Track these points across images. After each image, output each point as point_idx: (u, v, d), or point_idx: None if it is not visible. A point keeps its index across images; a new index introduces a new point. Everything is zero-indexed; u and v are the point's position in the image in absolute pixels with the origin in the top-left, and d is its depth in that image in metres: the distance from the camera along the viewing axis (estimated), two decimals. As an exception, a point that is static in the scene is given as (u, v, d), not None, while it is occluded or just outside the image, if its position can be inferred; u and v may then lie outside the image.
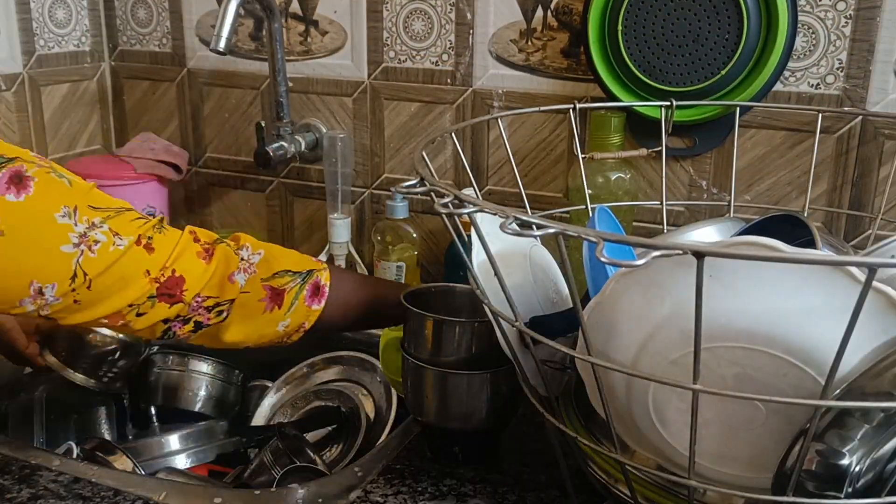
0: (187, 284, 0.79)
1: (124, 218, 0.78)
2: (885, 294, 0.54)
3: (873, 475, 0.52)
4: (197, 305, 0.81)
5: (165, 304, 0.79)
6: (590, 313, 0.63)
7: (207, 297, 0.81)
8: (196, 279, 0.80)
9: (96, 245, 0.74)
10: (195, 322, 0.82)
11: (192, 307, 0.80)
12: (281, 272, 0.87)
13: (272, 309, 0.86)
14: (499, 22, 1.17)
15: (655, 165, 1.12)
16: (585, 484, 0.75)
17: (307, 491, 0.81)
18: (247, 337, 0.87)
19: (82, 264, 0.74)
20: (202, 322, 0.82)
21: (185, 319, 0.81)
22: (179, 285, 0.79)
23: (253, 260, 0.85)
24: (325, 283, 0.89)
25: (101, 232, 0.75)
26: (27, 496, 0.80)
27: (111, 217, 0.77)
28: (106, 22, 1.45)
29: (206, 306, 0.81)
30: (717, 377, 0.58)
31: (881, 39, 0.99)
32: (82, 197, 0.76)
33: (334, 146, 1.27)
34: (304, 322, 0.89)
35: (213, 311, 0.82)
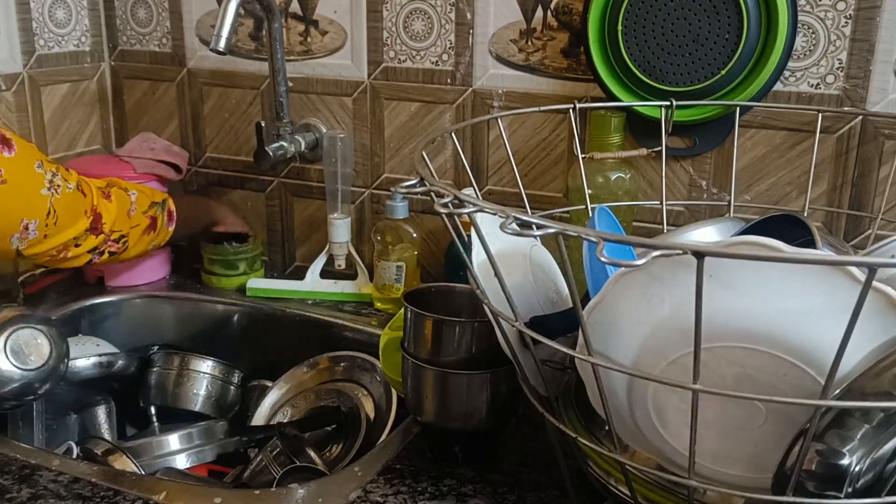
0: (104, 219, 1.06)
1: (62, 168, 1.01)
2: (885, 294, 0.54)
3: (873, 475, 0.52)
4: (107, 238, 1.07)
5: (93, 235, 1.05)
6: (590, 313, 0.63)
7: (114, 230, 1.08)
8: (109, 215, 1.07)
9: (59, 188, 0.99)
10: (108, 252, 1.09)
11: (107, 240, 1.07)
12: (151, 204, 1.15)
13: (149, 233, 1.15)
14: (499, 22, 1.17)
15: (655, 165, 1.12)
16: (585, 484, 0.75)
17: (307, 491, 0.81)
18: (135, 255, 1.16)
19: (54, 203, 0.98)
20: (114, 251, 1.10)
21: (101, 251, 1.08)
22: (100, 220, 1.05)
23: (133, 198, 1.12)
24: (173, 208, 1.20)
25: (59, 178, 0.99)
26: (27, 496, 0.80)
27: (59, 168, 1.01)
28: (106, 22, 1.45)
29: (113, 239, 1.08)
30: (717, 377, 0.58)
31: (881, 39, 0.99)
32: (40, 153, 1.00)
33: (334, 146, 1.27)
34: (163, 241, 1.20)
35: (120, 242, 1.10)
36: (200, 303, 1.31)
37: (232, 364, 1.21)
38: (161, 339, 1.26)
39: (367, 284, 1.29)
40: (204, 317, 1.31)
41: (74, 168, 1.35)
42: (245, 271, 1.33)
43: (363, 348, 1.15)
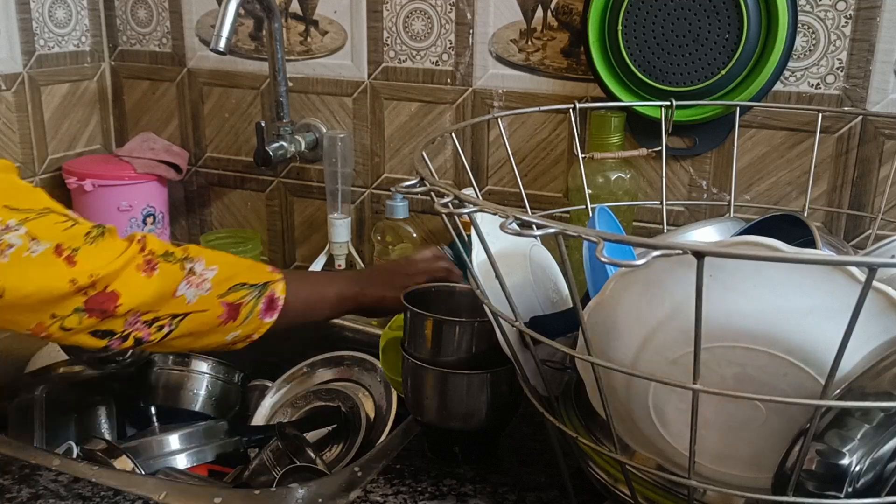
0: (122, 300, 0.74)
1: (47, 221, 0.72)
2: (885, 294, 0.54)
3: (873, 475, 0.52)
4: (134, 320, 0.76)
5: (96, 318, 0.74)
6: (590, 313, 0.63)
7: (146, 312, 0.77)
8: (133, 294, 0.75)
9: (10, 249, 0.68)
10: (135, 338, 0.78)
11: (128, 322, 0.76)
12: (237, 286, 0.84)
13: (227, 323, 0.84)
14: (499, 22, 1.17)
15: (655, 165, 1.12)
16: (585, 484, 0.75)
17: (307, 491, 0.81)
18: (193, 348, 0.86)
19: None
20: (142, 338, 0.78)
21: (124, 336, 0.77)
22: (113, 301, 0.74)
23: (207, 276, 0.81)
24: (280, 295, 0.87)
25: (17, 235, 0.69)
26: (27, 496, 0.80)
27: (31, 219, 0.70)
28: (106, 22, 1.45)
29: (144, 321, 0.77)
30: (717, 377, 0.58)
31: (881, 39, 0.99)
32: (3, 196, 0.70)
33: (334, 146, 1.27)
34: (252, 334, 0.87)
35: (154, 326, 0.78)
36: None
37: (232, 364, 1.21)
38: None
39: (367, 284, 1.29)
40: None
41: (75, 168, 1.36)
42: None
43: (363, 348, 1.15)
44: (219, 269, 0.83)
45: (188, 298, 0.79)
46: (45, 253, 0.70)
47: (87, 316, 0.74)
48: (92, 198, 1.33)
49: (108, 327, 0.76)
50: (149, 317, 0.77)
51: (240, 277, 0.84)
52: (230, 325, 0.84)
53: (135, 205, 1.35)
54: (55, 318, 0.73)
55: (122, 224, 1.34)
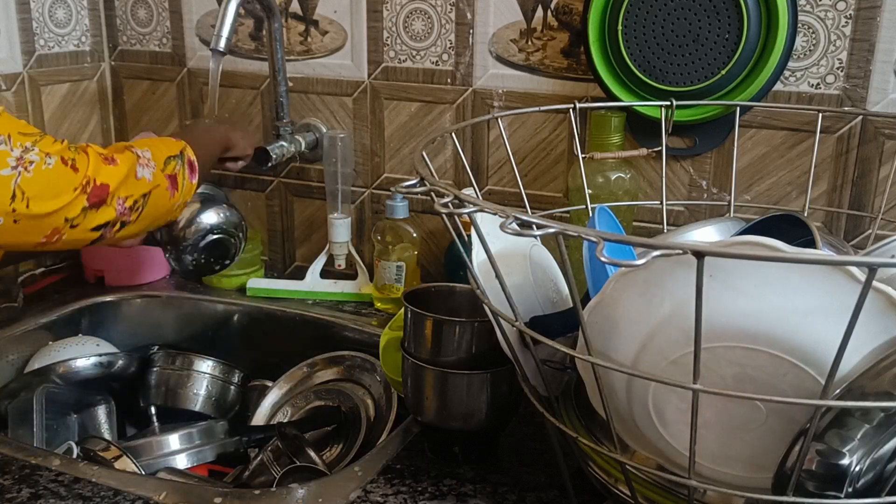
0: (111, 188, 0.90)
1: (47, 140, 0.86)
2: (885, 294, 0.54)
3: (873, 475, 0.52)
4: (122, 208, 0.92)
5: (95, 210, 0.89)
6: (590, 313, 0.63)
7: (127, 196, 0.92)
8: (115, 181, 0.91)
9: (31, 165, 0.83)
10: (121, 223, 0.93)
11: (118, 211, 0.91)
12: (168, 158, 0.99)
13: (173, 194, 0.99)
14: (499, 22, 1.17)
15: (655, 165, 1.12)
16: (585, 484, 0.75)
17: (307, 491, 0.81)
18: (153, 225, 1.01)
19: (21, 184, 0.83)
20: (126, 221, 0.94)
21: (114, 223, 0.92)
22: (105, 190, 0.90)
23: (147, 156, 0.96)
24: (193, 158, 1.04)
25: (34, 154, 0.84)
26: (27, 496, 0.80)
27: (38, 140, 0.85)
28: (106, 22, 1.45)
29: (127, 206, 0.93)
30: (717, 377, 0.58)
31: (881, 39, 0.99)
32: (12, 125, 0.84)
33: (334, 146, 1.27)
34: (187, 197, 1.03)
35: (134, 210, 0.94)
36: (200, 303, 1.31)
37: (232, 364, 1.21)
38: (161, 339, 1.26)
39: (367, 284, 1.29)
40: (204, 317, 1.31)
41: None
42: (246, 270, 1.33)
43: (363, 348, 1.15)
44: (150, 149, 0.98)
45: (147, 178, 0.95)
46: (57, 164, 0.86)
47: (89, 210, 0.89)
48: (92, 198, 1.33)
49: (105, 218, 0.91)
50: (129, 201, 0.93)
51: (165, 152, 1.00)
52: (175, 196, 1.00)
53: (135, 205, 1.35)
54: (68, 221, 0.88)
55: (122, 224, 1.34)
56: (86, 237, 0.91)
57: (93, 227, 0.90)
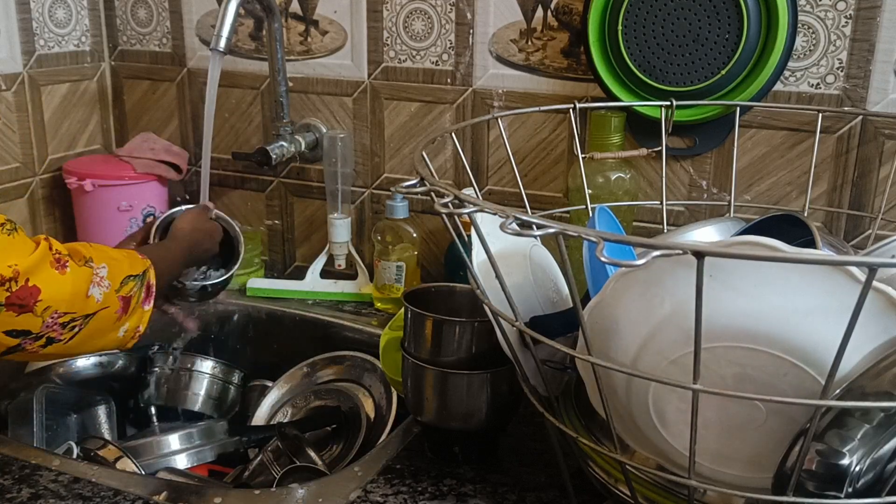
0: (42, 296, 0.75)
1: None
2: (885, 294, 0.54)
3: (873, 475, 0.52)
4: (52, 322, 0.77)
5: (13, 313, 0.74)
6: (590, 313, 0.63)
7: (65, 312, 0.78)
8: (53, 292, 0.76)
9: None
10: (47, 338, 0.78)
11: (46, 324, 0.77)
12: (126, 278, 0.86)
13: (120, 318, 0.85)
14: (499, 22, 1.17)
15: (655, 165, 1.12)
16: (585, 484, 0.75)
17: (307, 491, 0.81)
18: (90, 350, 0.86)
19: None
20: (54, 338, 0.79)
21: (38, 336, 0.77)
22: (34, 295, 0.75)
23: (102, 273, 0.83)
24: (153, 282, 0.90)
25: None
26: (27, 496, 0.80)
27: None
28: (106, 22, 1.45)
29: (60, 322, 0.78)
30: (717, 377, 0.58)
31: (881, 39, 0.99)
32: None
33: (334, 146, 1.27)
34: (138, 325, 0.88)
35: (67, 328, 0.79)
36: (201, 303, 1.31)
37: (232, 364, 1.21)
38: (161, 339, 1.26)
39: (367, 284, 1.29)
40: (204, 317, 1.31)
41: (75, 168, 1.36)
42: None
43: (363, 348, 1.15)
44: (107, 266, 0.84)
45: (96, 297, 0.81)
46: None
47: (4, 310, 0.73)
48: (92, 198, 1.33)
49: (25, 326, 0.75)
50: (66, 318, 0.78)
51: (125, 270, 0.86)
52: (122, 319, 0.86)
53: (135, 205, 1.35)
54: None
55: (122, 224, 1.34)
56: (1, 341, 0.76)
57: (7, 330, 0.74)
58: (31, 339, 0.77)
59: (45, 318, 0.76)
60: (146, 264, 0.90)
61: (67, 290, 0.77)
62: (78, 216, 1.37)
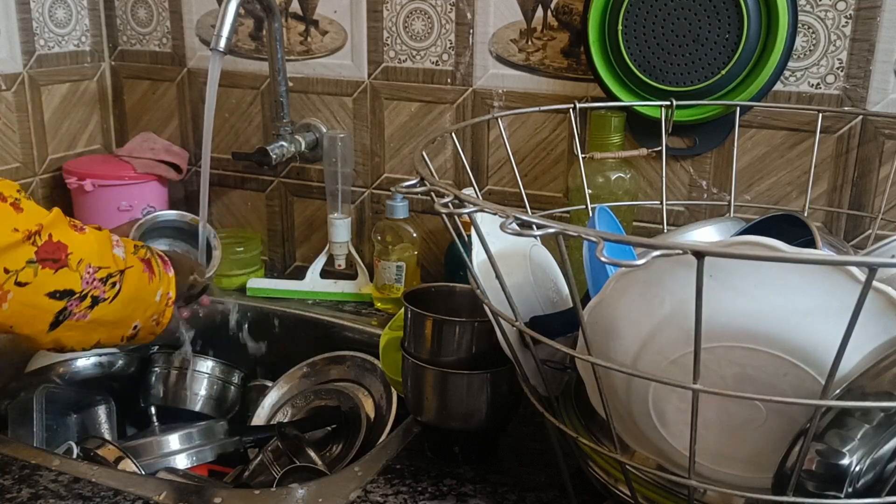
0: (71, 249, 0.74)
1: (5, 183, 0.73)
2: (885, 294, 0.54)
3: (873, 475, 0.52)
4: (91, 277, 0.75)
5: (50, 269, 0.73)
6: (590, 313, 0.63)
7: (99, 267, 0.76)
8: (78, 246, 0.75)
9: None
10: (92, 297, 0.76)
11: (85, 280, 0.75)
12: (135, 246, 0.86)
13: (151, 279, 0.85)
14: (499, 22, 1.17)
15: (655, 165, 1.12)
16: (585, 484, 0.75)
17: (307, 491, 0.81)
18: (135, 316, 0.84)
19: None
20: (98, 296, 0.77)
21: (82, 296, 0.75)
22: (62, 250, 0.73)
23: (115, 237, 0.83)
24: (161, 252, 0.91)
25: None
26: (27, 496, 0.80)
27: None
28: (106, 22, 1.45)
29: (99, 278, 0.76)
30: (717, 377, 0.58)
31: (881, 39, 0.99)
32: None
33: (334, 146, 1.27)
34: (168, 291, 0.88)
35: (108, 284, 0.77)
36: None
37: (232, 364, 1.21)
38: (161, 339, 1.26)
39: (367, 284, 1.29)
40: (204, 317, 1.31)
41: (75, 168, 1.36)
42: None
43: (363, 348, 1.15)
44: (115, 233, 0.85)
45: (121, 256, 0.81)
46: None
47: (40, 267, 0.72)
48: (92, 198, 1.33)
49: (66, 284, 0.74)
50: (102, 273, 0.77)
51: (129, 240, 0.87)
52: (154, 282, 0.85)
53: (135, 205, 1.35)
54: (9, 273, 0.71)
55: (122, 224, 1.34)
56: (43, 305, 0.74)
57: (50, 291, 0.73)
58: (77, 300, 0.75)
59: (81, 273, 0.75)
60: (141, 243, 0.90)
61: (93, 244, 0.77)
62: (78, 216, 1.37)
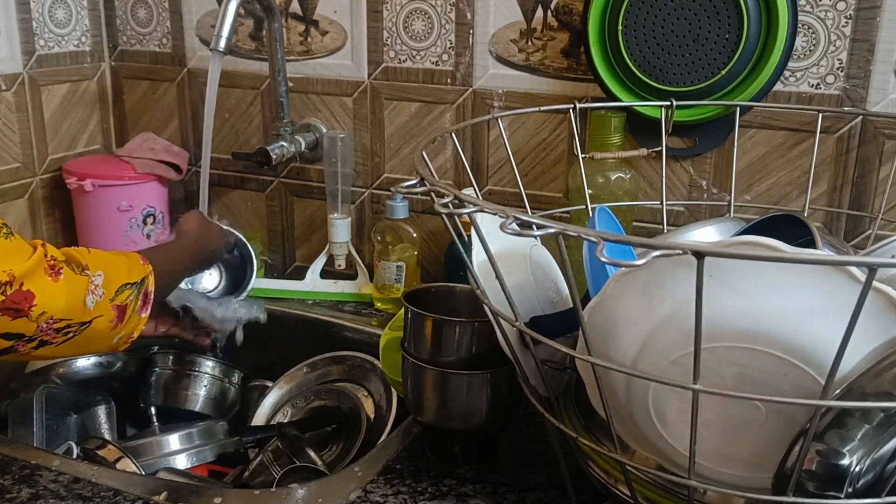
0: (37, 301, 0.74)
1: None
2: (885, 294, 0.54)
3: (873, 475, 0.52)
4: (47, 327, 0.76)
5: (8, 317, 0.73)
6: (590, 313, 0.63)
7: (60, 319, 0.77)
8: (47, 299, 0.75)
9: None
10: (40, 341, 0.78)
11: (41, 328, 0.76)
12: (122, 287, 0.85)
13: (116, 326, 0.84)
14: (499, 22, 1.17)
15: (655, 165, 1.12)
16: (585, 484, 0.75)
17: (307, 491, 0.81)
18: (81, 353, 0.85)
19: None
20: (47, 341, 0.78)
21: (31, 339, 0.77)
22: (28, 300, 0.74)
23: (97, 282, 0.82)
24: (152, 289, 0.88)
25: None
26: (27, 496, 0.80)
27: None
28: (106, 22, 1.45)
29: (55, 328, 0.77)
30: (717, 377, 0.58)
31: (881, 39, 0.99)
32: None
33: (334, 146, 1.27)
34: (132, 332, 0.87)
35: (61, 333, 0.78)
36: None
37: (232, 364, 1.21)
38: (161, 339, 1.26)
39: (367, 284, 1.29)
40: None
41: (75, 168, 1.36)
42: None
43: (363, 348, 1.15)
44: (103, 273, 0.83)
45: (89, 306, 0.80)
46: None
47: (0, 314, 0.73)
48: (92, 198, 1.33)
49: (19, 330, 0.75)
50: (62, 324, 0.78)
51: (122, 277, 0.85)
52: (118, 328, 0.85)
53: (135, 205, 1.35)
54: None
55: (122, 224, 1.34)
56: None
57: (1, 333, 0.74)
58: (24, 342, 0.76)
59: (39, 323, 0.75)
60: (146, 270, 0.88)
61: (62, 297, 0.76)
62: (78, 216, 1.37)
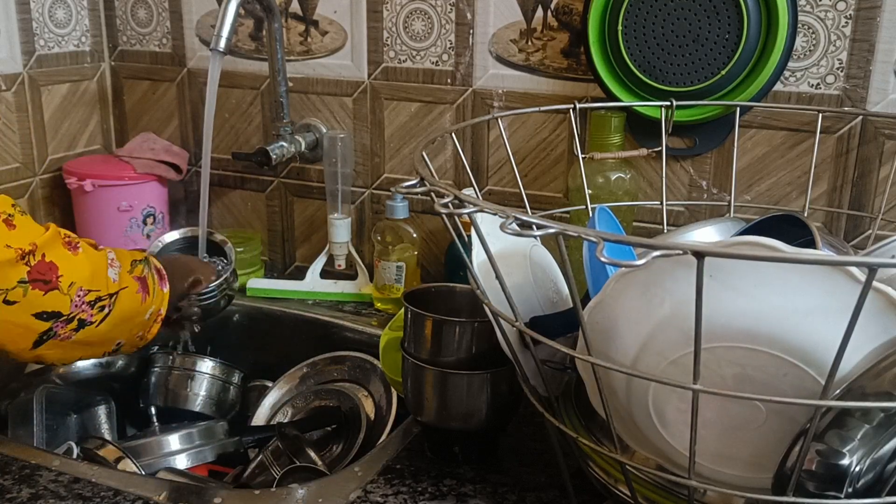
0: (62, 271, 0.74)
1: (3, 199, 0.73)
2: (885, 294, 0.54)
3: (873, 475, 0.52)
4: (80, 301, 0.76)
5: (40, 290, 0.73)
6: (590, 313, 0.63)
7: (89, 290, 0.77)
8: (70, 267, 0.75)
9: None
10: (78, 320, 0.77)
11: (74, 303, 0.75)
12: (133, 262, 0.86)
13: (144, 299, 0.85)
14: (499, 22, 1.17)
15: (655, 165, 1.12)
16: (585, 484, 0.75)
17: (307, 491, 0.81)
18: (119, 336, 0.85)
19: None
20: (86, 320, 0.77)
21: (69, 318, 0.76)
22: (53, 271, 0.73)
23: (111, 256, 0.82)
24: (160, 266, 0.90)
25: None
26: (27, 496, 0.80)
27: None
28: (106, 22, 1.45)
29: (88, 301, 0.77)
30: (717, 377, 0.58)
31: (881, 39, 0.99)
32: None
33: (334, 146, 1.27)
34: (160, 308, 0.88)
35: (96, 307, 0.78)
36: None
37: (232, 364, 1.21)
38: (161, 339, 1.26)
39: (367, 284, 1.29)
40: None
41: (75, 168, 1.36)
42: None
43: (363, 348, 1.15)
44: (113, 251, 0.84)
45: (113, 278, 0.81)
46: None
47: (31, 287, 0.73)
48: (92, 198, 1.33)
49: (54, 307, 0.74)
50: (92, 296, 0.77)
51: (129, 256, 0.86)
52: (147, 301, 0.86)
53: (135, 205, 1.35)
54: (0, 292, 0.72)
55: (122, 224, 1.34)
56: (29, 325, 0.74)
57: (37, 312, 0.73)
58: (63, 322, 0.76)
59: (71, 296, 0.75)
60: (143, 254, 0.90)
61: (86, 267, 0.77)
62: (78, 216, 1.37)
